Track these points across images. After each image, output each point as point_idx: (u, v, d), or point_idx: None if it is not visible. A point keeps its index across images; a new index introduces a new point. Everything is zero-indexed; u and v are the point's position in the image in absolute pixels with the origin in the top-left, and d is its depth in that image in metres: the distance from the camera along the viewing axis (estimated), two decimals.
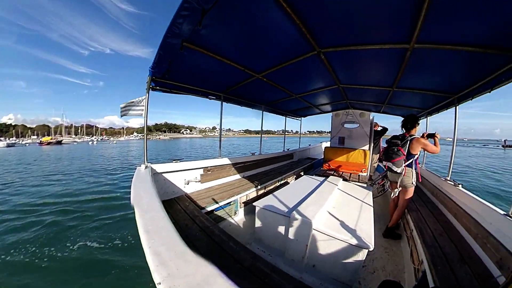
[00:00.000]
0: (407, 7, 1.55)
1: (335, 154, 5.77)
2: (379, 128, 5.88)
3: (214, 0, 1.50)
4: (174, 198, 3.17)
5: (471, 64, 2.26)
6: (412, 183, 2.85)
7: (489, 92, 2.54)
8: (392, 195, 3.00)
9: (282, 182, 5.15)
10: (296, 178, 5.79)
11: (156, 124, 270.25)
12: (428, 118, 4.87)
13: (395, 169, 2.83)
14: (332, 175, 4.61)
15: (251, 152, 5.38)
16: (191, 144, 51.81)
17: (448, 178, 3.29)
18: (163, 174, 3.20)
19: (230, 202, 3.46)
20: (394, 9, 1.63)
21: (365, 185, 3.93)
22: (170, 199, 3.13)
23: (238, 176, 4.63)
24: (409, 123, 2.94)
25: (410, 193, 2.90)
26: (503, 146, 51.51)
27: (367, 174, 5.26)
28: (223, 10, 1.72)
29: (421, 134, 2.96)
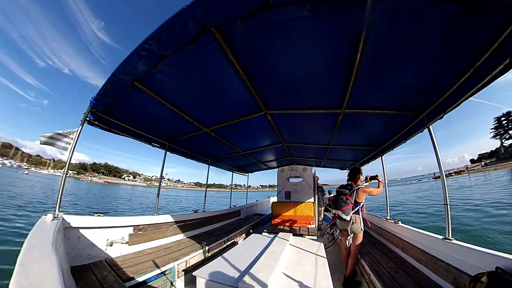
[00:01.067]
0: (338, 83, 2.06)
1: (283, 209, 5.78)
2: (319, 182, 6.41)
3: (173, 49, 1.57)
4: (89, 264, 2.48)
5: (389, 122, 2.92)
6: (361, 229, 3.05)
7: (405, 142, 3.37)
8: (347, 244, 3.04)
9: (229, 243, 4.66)
10: (245, 237, 5.44)
11: (95, 163, 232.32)
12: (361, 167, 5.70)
13: (344, 217, 3.01)
14: (282, 230, 4.52)
15: (194, 210, 4.89)
16: (130, 193, 44.42)
17: (388, 217, 3.71)
18: (79, 230, 2.55)
19: (166, 270, 2.77)
20: (329, 85, 2.17)
21: (315, 238, 3.98)
22: (83, 265, 2.43)
23: (177, 237, 4.02)
24: (354, 176, 3.28)
25: (360, 238, 3.06)
26: (434, 178, 60.78)
27: (315, 226, 5.32)
28: (181, 60, 1.80)
29: (364, 177, 3.32)
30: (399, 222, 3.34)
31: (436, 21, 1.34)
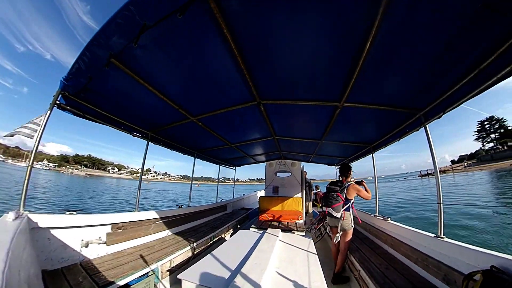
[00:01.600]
0: (342, 74, 1.91)
1: (271, 204, 5.68)
2: (307, 177, 6.42)
3: (158, 18, 1.31)
4: (62, 268, 2.21)
5: (385, 119, 2.87)
6: (351, 226, 3.03)
7: (398, 140, 3.32)
8: (335, 240, 2.99)
9: (216, 239, 4.46)
10: (232, 233, 5.29)
11: (77, 155, 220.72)
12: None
13: (334, 214, 2.96)
14: (270, 225, 4.43)
15: (178, 205, 4.60)
16: (113, 187, 42.37)
17: (377, 214, 3.70)
18: (49, 231, 2.25)
19: (148, 272, 2.51)
20: (331, 76, 1.99)
21: (303, 233, 3.93)
22: (55, 270, 2.15)
23: (160, 235, 3.75)
24: (345, 172, 3.23)
25: (350, 235, 3.05)
26: (420, 176, 63.27)
27: (303, 221, 5.27)
28: (167, 34, 1.52)
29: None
30: (389, 219, 3.33)
31: (453, 13, 1.23)
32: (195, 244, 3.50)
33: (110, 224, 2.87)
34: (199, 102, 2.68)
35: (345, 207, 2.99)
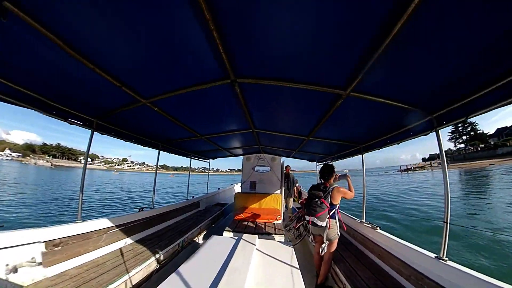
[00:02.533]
0: (356, 56, 1.38)
1: (247, 201, 5.21)
2: (290, 172, 6.02)
3: None
4: None
5: (391, 117, 2.31)
6: (338, 234, 2.67)
7: (398, 143, 2.80)
8: (320, 252, 2.61)
9: (186, 244, 3.84)
10: (206, 233, 4.72)
11: (45, 144, 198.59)
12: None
13: (320, 223, 2.54)
14: (246, 227, 3.98)
15: (138, 208, 3.82)
16: (77, 178, 37.93)
17: (364, 221, 3.32)
18: None
19: None
20: (341, 55, 1.41)
21: (283, 237, 3.54)
22: None
23: (115, 247, 3.04)
24: (328, 174, 2.77)
25: (335, 244, 2.70)
26: (400, 171, 66.10)
27: (281, 222, 4.80)
28: None
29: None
30: (378, 228, 2.98)
31: None
32: (158, 254, 2.90)
33: (44, 241, 2.22)
34: (151, 80, 1.93)
35: (330, 214, 2.59)
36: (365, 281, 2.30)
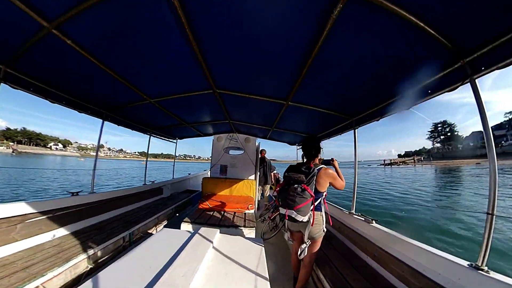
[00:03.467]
0: (290, 81, 2.09)
1: (216, 187, 4.56)
2: (266, 157, 5.41)
3: None
4: None
5: (324, 118, 2.98)
6: (323, 231, 1.97)
7: (340, 134, 3.30)
8: (299, 255, 1.90)
9: (138, 237, 3.24)
10: (166, 224, 4.06)
11: (8, 129, 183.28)
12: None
13: (300, 218, 1.79)
14: (211, 218, 3.32)
15: (71, 192, 3.07)
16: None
17: (353, 212, 2.73)
18: None
19: None
20: (281, 80, 2.15)
21: (253, 231, 2.93)
22: None
23: (34, 241, 2.44)
24: (312, 148, 1.98)
25: (319, 243, 2.02)
26: (382, 165, 67.86)
27: (254, 211, 4.18)
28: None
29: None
30: (373, 222, 2.34)
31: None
32: (92, 251, 2.35)
33: None
34: (154, 85, 2.52)
35: (315, 205, 1.85)
36: None
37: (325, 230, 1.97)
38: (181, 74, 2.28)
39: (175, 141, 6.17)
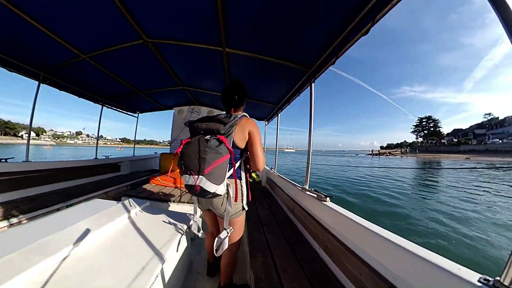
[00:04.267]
0: (211, 15, 1.73)
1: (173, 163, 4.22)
2: None
3: None
4: None
5: (278, 73, 2.55)
6: (244, 208, 1.45)
7: (298, 95, 2.89)
8: (215, 249, 1.35)
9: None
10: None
11: None
12: None
13: (210, 188, 1.18)
14: (156, 193, 2.97)
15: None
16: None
17: (307, 187, 2.21)
18: None
19: None
20: (204, 19, 1.84)
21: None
22: None
23: None
24: (236, 93, 1.47)
25: (242, 225, 1.52)
26: (370, 154, 70.48)
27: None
28: None
29: None
30: (328, 199, 1.82)
31: None
32: (16, 219, 2.15)
33: None
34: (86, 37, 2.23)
35: (235, 168, 1.36)
36: None
37: (246, 207, 1.44)
38: (101, 19, 1.95)
39: (135, 115, 5.82)
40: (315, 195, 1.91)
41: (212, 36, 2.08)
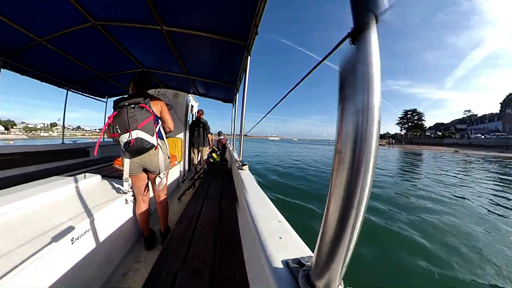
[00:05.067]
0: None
1: None
2: (203, 118, 5.27)
3: None
4: None
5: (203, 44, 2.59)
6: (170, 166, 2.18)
7: None
8: (157, 183, 2.00)
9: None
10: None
11: None
12: None
13: (147, 137, 1.70)
14: (118, 170, 3.11)
15: None
16: None
17: (239, 159, 2.71)
18: None
19: None
20: None
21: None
22: None
23: None
24: (145, 81, 2.08)
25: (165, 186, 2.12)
26: None
27: (180, 170, 4.19)
28: None
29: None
30: (246, 167, 2.23)
31: None
32: None
33: None
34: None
35: (157, 129, 1.82)
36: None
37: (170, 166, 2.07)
38: (48, 2, 2.04)
39: (104, 100, 5.78)
40: (240, 163, 2.41)
41: (148, 14, 2.12)
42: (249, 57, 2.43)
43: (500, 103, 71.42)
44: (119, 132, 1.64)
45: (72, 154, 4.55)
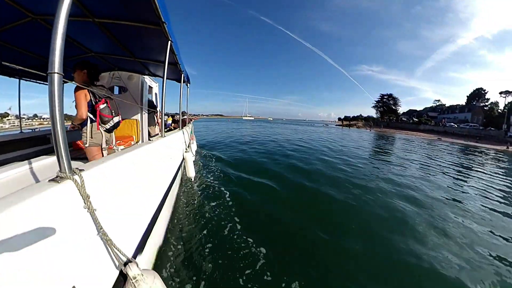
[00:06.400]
0: None
1: None
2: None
3: None
4: None
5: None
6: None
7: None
8: None
9: None
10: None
11: None
12: None
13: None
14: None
15: None
16: None
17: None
18: None
19: None
20: None
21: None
22: None
23: None
24: (98, 74, 2.74)
25: None
26: (340, 125, 73.42)
27: None
28: None
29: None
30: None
31: None
32: None
33: None
34: None
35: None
36: None
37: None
38: None
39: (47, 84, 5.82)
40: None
41: (77, 8, 2.50)
42: (169, 42, 2.96)
43: (467, 96, 76.73)
44: (113, 114, 2.57)
45: (32, 142, 4.53)
